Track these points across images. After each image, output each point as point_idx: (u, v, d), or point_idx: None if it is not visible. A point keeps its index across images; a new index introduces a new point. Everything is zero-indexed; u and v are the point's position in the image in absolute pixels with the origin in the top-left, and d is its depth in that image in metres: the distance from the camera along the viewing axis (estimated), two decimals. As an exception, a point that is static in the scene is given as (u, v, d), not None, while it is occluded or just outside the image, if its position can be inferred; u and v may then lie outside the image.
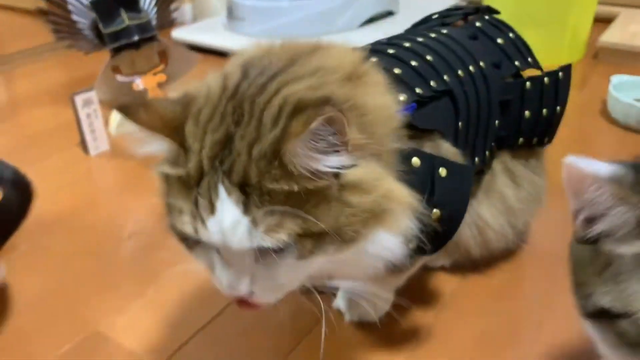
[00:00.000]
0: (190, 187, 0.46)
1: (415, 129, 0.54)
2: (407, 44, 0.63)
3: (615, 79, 1.23)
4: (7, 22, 2.10)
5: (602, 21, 1.72)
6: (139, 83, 1.13)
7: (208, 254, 0.50)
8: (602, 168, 0.41)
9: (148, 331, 0.70)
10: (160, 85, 1.16)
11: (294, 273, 0.48)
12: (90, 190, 1.03)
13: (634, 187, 0.40)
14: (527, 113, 0.68)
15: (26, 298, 0.76)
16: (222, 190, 0.44)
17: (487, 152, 0.65)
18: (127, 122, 0.47)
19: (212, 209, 0.45)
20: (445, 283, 0.76)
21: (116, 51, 1.10)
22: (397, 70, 0.57)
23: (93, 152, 1.10)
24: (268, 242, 0.44)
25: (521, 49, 0.71)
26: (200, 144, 0.46)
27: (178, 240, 0.51)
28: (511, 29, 0.73)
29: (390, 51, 0.61)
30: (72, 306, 0.75)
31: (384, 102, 0.51)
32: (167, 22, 1.21)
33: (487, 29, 0.71)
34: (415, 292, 0.73)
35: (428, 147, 0.55)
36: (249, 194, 0.44)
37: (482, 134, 0.63)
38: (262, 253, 0.46)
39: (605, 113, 1.22)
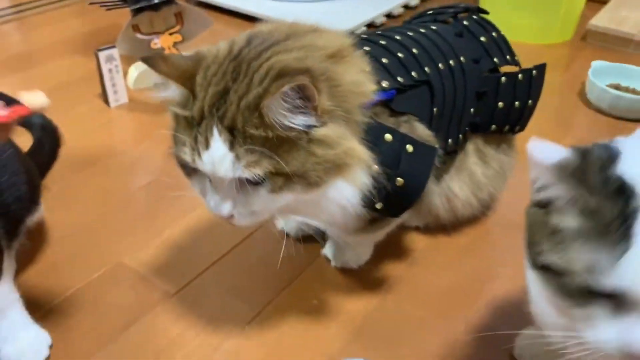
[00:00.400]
0: (192, 126, 0.58)
1: (394, 111, 0.66)
2: (397, 37, 0.73)
3: (596, 64, 1.33)
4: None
5: (600, 2, 1.80)
6: (157, 42, 1.23)
7: (202, 181, 0.62)
8: (550, 154, 0.52)
9: (165, 265, 0.83)
10: (176, 44, 1.25)
11: (266, 204, 0.60)
12: (111, 139, 1.14)
13: (574, 172, 0.51)
14: (500, 104, 0.78)
15: (59, 232, 0.89)
16: (215, 131, 0.56)
17: (460, 136, 0.76)
18: (145, 76, 0.59)
19: (206, 145, 0.57)
20: (417, 241, 0.89)
21: (137, 12, 1.19)
22: (384, 60, 0.68)
23: (113, 104, 1.21)
24: (247, 174, 0.56)
25: (502, 47, 0.80)
26: (204, 93, 0.58)
27: (180, 167, 0.63)
28: (495, 29, 0.83)
29: (382, 42, 0.71)
30: (98, 240, 0.88)
31: (358, 79, 0.62)
32: (184, -16, 1.30)
33: (473, 27, 0.80)
34: (391, 247, 0.86)
35: (404, 127, 0.66)
36: (235, 136, 0.56)
37: (456, 120, 0.74)
38: (242, 184, 0.58)
39: (583, 95, 1.32)
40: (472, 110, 0.76)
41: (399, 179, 0.64)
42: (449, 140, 0.74)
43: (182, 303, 0.78)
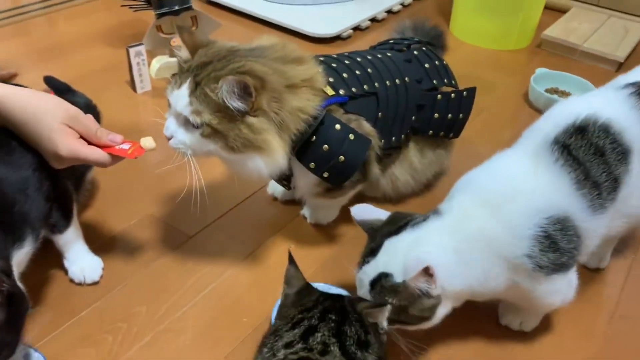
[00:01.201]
0: (182, 73, 0.84)
1: (347, 112, 0.93)
2: (359, 59, 0.99)
3: (539, 70, 1.60)
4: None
5: (562, 11, 2.06)
6: (176, 40, 1.49)
7: (169, 111, 0.87)
8: (362, 213, 0.83)
9: (184, 215, 1.11)
10: (191, 42, 1.52)
11: (194, 142, 0.84)
12: (138, 118, 1.41)
13: (375, 231, 0.80)
14: (436, 115, 1.03)
15: (104, 188, 1.17)
16: (187, 81, 0.82)
17: (402, 136, 1.01)
18: (165, 68, 0.86)
19: (179, 86, 0.83)
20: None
21: (160, 15, 1.45)
22: (344, 75, 0.94)
23: (139, 90, 1.48)
24: (190, 117, 0.82)
25: (441, 72, 1.06)
26: (198, 59, 0.84)
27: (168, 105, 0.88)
28: (439, 58, 1.08)
29: (346, 62, 0.98)
30: (132, 196, 1.16)
31: (301, 105, 0.85)
32: (199, -8, 1.56)
33: (421, 56, 1.06)
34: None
35: (353, 124, 0.92)
36: (196, 89, 0.81)
37: (398, 123, 0.99)
38: (186, 123, 0.83)
39: (527, 96, 1.59)
40: (413, 117, 1.01)
41: (341, 157, 0.90)
42: (393, 138, 1.00)
43: (197, 244, 1.06)
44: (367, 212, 0.84)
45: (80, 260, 0.96)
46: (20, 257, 0.80)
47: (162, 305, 0.93)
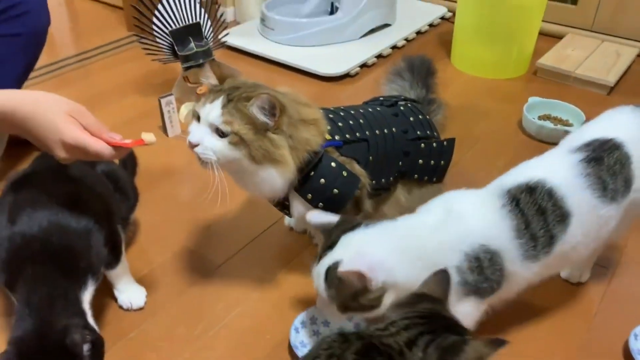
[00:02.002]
0: (215, 91, 0.99)
1: (342, 155, 1.08)
2: (352, 112, 1.15)
3: (531, 99, 1.74)
4: (92, 13, 2.60)
5: (557, 37, 2.20)
6: (202, 88, 1.68)
7: (195, 124, 1.01)
8: (316, 218, 0.95)
9: (213, 246, 1.28)
10: (214, 89, 1.70)
11: (221, 150, 0.96)
12: (171, 160, 1.59)
13: (330, 231, 0.91)
14: (420, 161, 1.17)
15: (144, 226, 1.34)
16: (221, 97, 0.97)
17: (391, 178, 1.15)
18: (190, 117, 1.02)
19: (212, 101, 0.97)
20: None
21: (187, 68, 1.64)
22: (340, 124, 1.10)
23: (171, 135, 1.66)
24: (221, 125, 0.96)
25: (424, 125, 1.20)
26: (228, 84, 1.00)
27: (193, 118, 1.02)
28: (422, 113, 1.22)
29: (342, 114, 1.13)
30: (168, 230, 1.33)
31: (310, 138, 1.01)
32: (219, 44, 1.74)
33: (406, 111, 1.21)
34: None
35: (347, 165, 1.07)
36: (229, 104, 0.96)
37: (386, 167, 1.14)
38: (214, 132, 0.97)
39: (521, 123, 1.73)
40: (400, 162, 1.15)
41: (335, 190, 1.05)
42: (383, 180, 1.14)
43: (224, 271, 1.22)
44: (322, 216, 0.95)
45: (128, 290, 1.13)
46: (87, 298, 0.95)
47: (197, 326, 1.10)
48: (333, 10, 2.20)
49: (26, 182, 1.04)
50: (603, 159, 0.95)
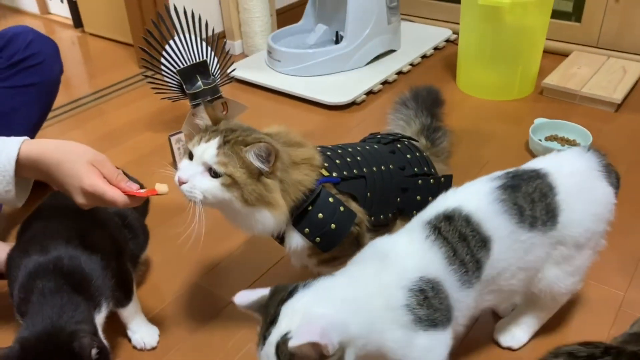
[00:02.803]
0: (209, 130, 1.01)
1: (339, 191, 1.09)
2: (350, 150, 1.16)
3: (537, 120, 1.75)
4: (104, 51, 2.68)
5: (562, 55, 2.20)
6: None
7: (186, 161, 1.02)
8: (244, 300, 0.85)
9: (223, 283, 1.30)
10: (223, 125, 1.74)
11: (211, 190, 0.97)
12: (182, 197, 1.62)
13: (266, 307, 0.82)
14: (418, 197, 1.18)
15: (156, 265, 1.37)
16: (217, 138, 0.98)
17: (389, 214, 1.16)
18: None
19: (207, 141, 0.99)
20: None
21: (195, 105, 1.69)
22: (337, 161, 1.11)
23: (181, 171, 1.70)
24: (215, 166, 0.97)
25: (421, 162, 1.21)
26: (224, 125, 1.02)
27: (186, 155, 1.04)
28: (419, 151, 1.24)
29: (339, 151, 1.15)
30: (179, 268, 1.35)
31: (301, 180, 1.03)
32: (226, 80, 1.78)
33: (403, 149, 1.22)
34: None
35: (344, 201, 1.08)
36: (224, 146, 0.97)
37: (384, 204, 1.15)
38: (206, 171, 0.98)
39: (528, 145, 1.74)
40: (398, 199, 1.17)
41: (332, 224, 1.06)
42: (381, 216, 1.15)
43: (235, 308, 1.24)
44: (248, 295, 0.86)
45: (140, 330, 1.16)
46: (99, 321, 0.99)
47: (209, 364, 1.12)
48: (338, 40, 2.24)
49: (39, 217, 1.09)
50: (520, 186, 0.96)
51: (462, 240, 0.91)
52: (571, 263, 1.00)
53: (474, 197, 0.96)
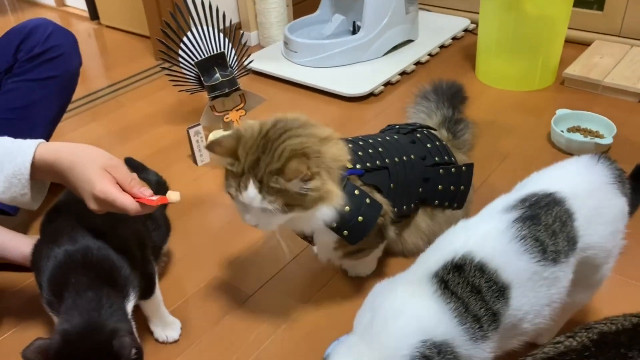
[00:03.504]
0: (237, 176, 0.99)
1: (364, 183, 1.09)
2: (371, 141, 1.16)
3: (559, 111, 1.72)
4: (120, 43, 2.68)
5: (584, 44, 2.16)
6: (228, 116, 1.71)
7: (240, 205, 1.02)
8: None
9: (243, 276, 1.30)
10: (242, 117, 1.73)
11: (277, 220, 1.00)
12: (201, 189, 1.62)
13: None
14: (440, 187, 1.18)
15: (177, 258, 1.37)
16: (251, 182, 0.97)
17: (412, 205, 1.16)
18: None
19: (245, 188, 0.98)
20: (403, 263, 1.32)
21: (213, 98, 1.68)
22: (360, 153, 1.11)
23: (200, 163, 1.70)
24: (267, 205, 0.97)
25: (442, 151, 1.21)
26: (244, 159, 0.99)
27: (229, 197, 1.04)
28: (439, 140, 1.23)
29: (360, 143, 1.14)
30: (201, 262, 1.35)
31: (336, 153, 1.02)
32: (244, 71, 1.77)
33: (423, 138, 1.22)
34: (384, 265, 1.30)
35: (368, 192, 1.08)
36: (262, 186, 0.96)
37: (407, 194, 1.15)
38: (263, 209, 0.98)
39: (550, 137, 1.71)
40: (420, 189, 1.17)
41: (359, 217, 1.05)
42: (404, 207, 1.15)
43: (255, 301, 1.24)
44: None
45: (163, 323, 1.16)
46: (129, 309, 1.00)
47: (231, 358, 1.12)
48: (355, 30, 2.22)
49: (62, 211, 1.09)
50: (540, 217, 0.85)
51: (476, 294, 0.81)
52: (590, 279, 0.94)
53: (489, 236, 0.85)
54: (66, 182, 0.97)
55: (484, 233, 0.86)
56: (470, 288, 0.81)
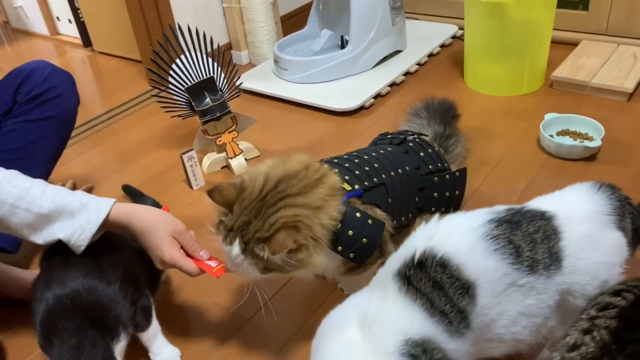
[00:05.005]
0: (227, 230, 1.03)
1: (364, 202, 1.11)
2: (366, 157, 1.17)
3: (547, 116, 1.73)
4: (114, 69, 2.72)
5: (571, 44, 2.18)
6: (221, 139, 1.74)
7: (227, 250, 1.05)
8: None
9: (242, 298, 1.32)
10: (234, 139, 1.76)
11: (256, 276, 1.02)
12: (197, 213, 1.65)
13: None
14: (435, 194, 1.19)
15: (175, 284, 1.39)
16: (237, 241, 1.01)
17: (409, 215, 1.18)
18: (214, 163, 1.08)
19: (231, 243, 1.02)
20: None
21: (205, 122, 1.70)
22: (357, 172, 1.12)
23: (195, 187, 1.72)
24: (247, 267, 1.01)
25: (435, 158, 1.22)
26: (237, 217, 1.02)
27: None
28: (431, 147, 1.25)
29: (356, 160, 1.16)
30: (199, 289, 1.37)
31: (326, 223, 1.01)
32: (235, 93, 1.80)
33: (415, 147, 1.23)
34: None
35: (369, 211, 1.09)
36: (247, 248, 1.00)
37: (405, 206, 1.16)
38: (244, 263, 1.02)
39: (539, 141, 1.72)
40: (416, 198, 1.18)
41: (364, 239, 1.07)
42: (403, 218, 1.16)
43: (254, 325, 1.26)
44: None
45: (162, 352, 1.17)
46: (119, 350, 1.03)
47: (231, 383, 1.14)
48: (344, 44, 2.24)
49: (57, 254, 1.10)
50: (521, 223, 0.85)
51: (438, 289, 0.80)
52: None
53: (456, 232, 0.85)
54: (135, 240, 1.10)
55: (451, 229, 0.86)
56: (432, 284, 0.80)
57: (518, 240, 0.84)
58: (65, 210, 1.05)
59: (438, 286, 0.80)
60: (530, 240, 0.85)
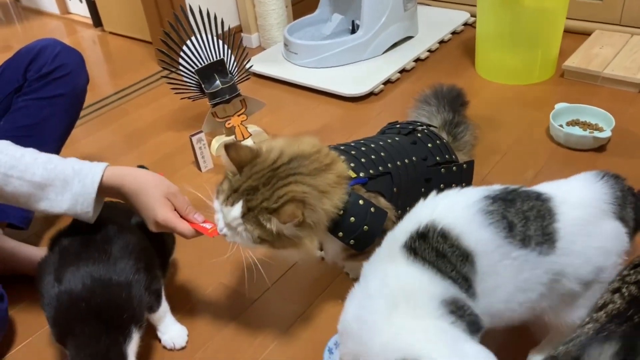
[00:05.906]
0: (232, 190, 1.02)
1: (368, 190, 1.11)
2: (372, 145, 1.18)
3: (557, 106, 1.72)
4: (124, 49, 2.72)
5: (584, 34, 2.16)
6: (230, 122, 1.74)
7: (219, 208, 1.05)
8: None
9: (248, 280, 1.33)
10: (243, 122, 1.76)
11: (248, 243, 1.02)
12: (206, 195, 1.65)
13: None
14: (442, 185, 1.19)
15: (182, 265, 1.41)
16: (240, 203, 1.00)
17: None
18: (223, 146, 1.04)
19: (232, 205, 1.01)
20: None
21: (214, 105, 1.71)
22: (363, 160, 1.13)
23: (203, 169, 1.73)
24: (243, 232, 1.00)
25: (442, 150, 1.22)
26: (245, 180, 1.02)
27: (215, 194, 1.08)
28: (439, 138, 1.25)
29: (363, 149, 1.17)
30: (204, 267, 1.39)
31: (329, 209, 1.02)
32: (244, 76, 1.80)
33: (424, 137, 1.23)
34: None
35: (373, 199, 1.10)
36: (248, 213, 1.00)
37: (410, 196, 1.15)
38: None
39: (549, 131, 1.72)
40: (422, 189, 1.18)
41: (365, 227, 1.08)
42: (407, 208, 1.15)
43: (260, 306, 1.27)
44: None
45: (170, 331, 1.20)
46: (132, 348, 1.04)
47: (237, 362, 1.15)
48: (354, 29, 2.23)
49: (67, 240, 1.11)
50: (515, 201, 0.89)
51: (441, 257, 0.86)
52: (584, 297, 0.92)
53: (455, 207, 0.90)
54: (129, 203, 1.09)
55: (450, 204, 0.92)
56: (436, 253, 0.87)
57: (511, 217, 0.88)
58: (58, 178, 1.04)
59: (441, 255, 0.87)
60: (522, 217, 0.89)
